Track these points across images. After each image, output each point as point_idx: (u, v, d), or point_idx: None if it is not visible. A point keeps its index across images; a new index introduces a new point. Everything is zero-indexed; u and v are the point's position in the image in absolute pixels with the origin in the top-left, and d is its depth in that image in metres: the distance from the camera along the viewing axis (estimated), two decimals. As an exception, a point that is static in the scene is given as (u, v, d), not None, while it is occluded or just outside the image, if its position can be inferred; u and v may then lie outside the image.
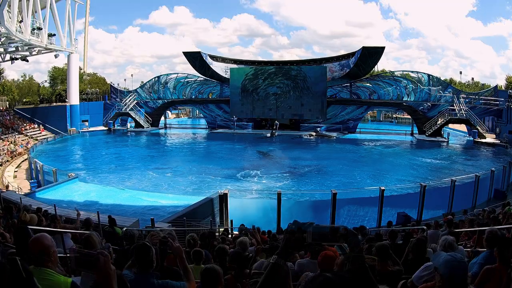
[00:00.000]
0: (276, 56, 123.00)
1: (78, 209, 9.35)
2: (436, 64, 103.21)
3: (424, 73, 38.63)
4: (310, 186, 20.28)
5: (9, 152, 29.50)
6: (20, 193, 17.36)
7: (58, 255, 2.59)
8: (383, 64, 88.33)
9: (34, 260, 2.29)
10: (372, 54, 36.78)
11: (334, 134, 38.42)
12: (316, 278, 1.31)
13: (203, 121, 48.25)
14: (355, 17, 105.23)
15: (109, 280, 1.80)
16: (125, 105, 43.47)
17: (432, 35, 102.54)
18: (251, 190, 18.53)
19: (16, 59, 36.09)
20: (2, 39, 30.27)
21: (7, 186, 20.47)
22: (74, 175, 20.22)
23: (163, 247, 2.97)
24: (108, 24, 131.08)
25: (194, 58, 41.74)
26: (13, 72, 67.90)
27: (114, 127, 43.49)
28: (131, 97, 44.45)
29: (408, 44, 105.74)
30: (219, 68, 43.30)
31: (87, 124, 43.14)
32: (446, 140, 34.55)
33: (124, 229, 7.46)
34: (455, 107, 35.04)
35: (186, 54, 41.85)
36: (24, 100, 49.35)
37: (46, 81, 55.77)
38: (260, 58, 70.66)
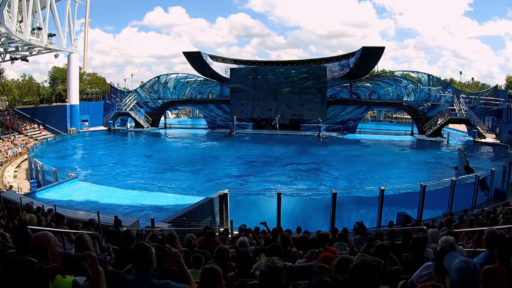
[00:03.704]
0: (273, 56, 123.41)
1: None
2: (434, 64, 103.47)
3: (424, 73, 38.64)
4: (310, 186, 20.28)
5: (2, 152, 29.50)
6: (20, 193, 17.37)
7: None
8: (382, 64, 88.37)
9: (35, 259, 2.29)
10: (372, 54, 36.78)
11: (337, 134, 38.47)
12: (313, 281, 1.33)
13: (203, 121, 48.26)
14: (350, 17, 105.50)
15: (97, 281, 1.80)
16: (125, 105, 43.45)
17: (428, 35, 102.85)
18: (252, 190, 18.53)
19: (16, 59, 36.10)
20: (2, 39, 30.27)
21: (10, 187, 20.48)
22: (74, 175, 20.25)
23: (161, 253, 2.98)
24: (104, 25, 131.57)
25: (194, 58, 41.74)
26: (13, 72, 67.86)
27: (114, 127, 43.47)
28: (131, 97, 44.45)
29: (406, 44, 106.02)
30: (219, 68, 43.31)
31: (87, 124, 43.15)
32: (446, 140, 34.55)
33: (125, 229, 7.48)
34: (455, 107, 35.03)
35: (186, 54, 41.86)
36: (24, 100, 49.37)
37: (46, 81, 55.87)
38: (258, 58, 70.63)
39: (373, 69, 44.61)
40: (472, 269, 2.04)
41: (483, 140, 33.05)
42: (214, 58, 43.80)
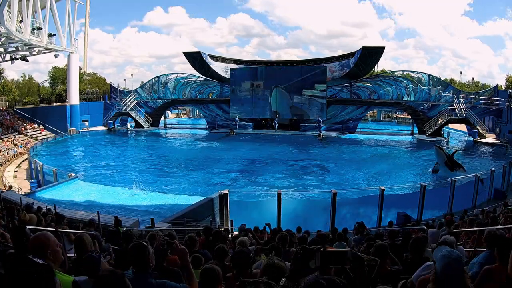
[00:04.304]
0: (273, 56, 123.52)
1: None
2: (434, 64, 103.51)
3: (424, 73, 38.65)
4: (311, 186, 20.27)
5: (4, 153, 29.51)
6: (20, 193, 17.37)
7: None
8: (382, 64, 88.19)
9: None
10: (372, 54, 36.78)
11: (337, 134, 38.50)
12: (308, 281, 1.34)
13: (203, 121, 48.28)
14: (350, 17, 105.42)
15: None
16: (125, 105, 43.46)
17: (428, 35, 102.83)
18: (252, 190, 18.52)
19: (16, 59, 36.10)
20: (2, 39, 30.28)
21: (10, 187, 20.47)
22: (74, 175, 20.24)
23: (169, 248, 2.97)
24: (104, 25, 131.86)
25: (194, 58, 41.75)
26: (13, 72, 67.81)
27: (114, 127, 43.50)
28: (131, 97, 44.46)
29: (406, 44, 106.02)
30: (219, 68, 43.31)
31: (87, 124, 43.16)
32: (446, 140, 34.54)
33: (125, 229, 7.49)
34: (455, 107, 35.03)
35: (186, 54, 41.86)
36: (24, 100, 49.37)
37: (46, 81, 55.85)
38: (258, 58, 70.62)
39: (373, 69, 44.60)
40: (454, 257, 2.05)
41: (483, 140, 33.05)
42: (214, 58, 43.80)
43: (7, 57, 35.58)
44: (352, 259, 1.60)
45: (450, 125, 37.22)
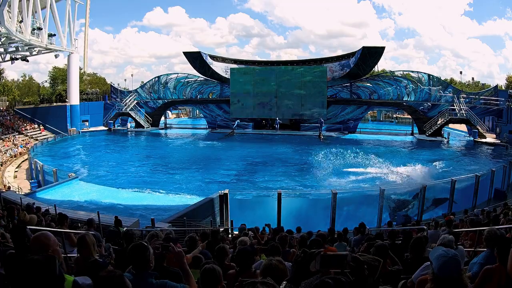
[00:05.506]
0: (273, 56, 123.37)
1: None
2: (434, 64, 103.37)
3: (425, 73, 38.66)
4: (311, 186, 20.26)
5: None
6: (20, 193, 17.38)
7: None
8: (382, 64, 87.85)
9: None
10: (373, 54, 36.76)
11: (337, 134, 38.47)
12: (313, 280, 1.34)
13: (203, 121, 48.27)
14: (350, 17, 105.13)
15: None
16: (125, 105, 43.47)
17: (428, 35, 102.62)
18: (252, 190, 18.52)
19: (16, 59, 36.07)
20: (2, 39, 30.26)
21: (9, 187, 20.46)
22: (74, 175, 20.26)
23: (165, 251, 2.97)
24: (104, 25, 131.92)
25: (194, 58, 41.73)
26: (13, 72, 67.69)
27: (114, 127, 43.49)
28: (131, 97, 44.46)
29: (405, 44, 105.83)
30: (219, 68, 43.30)
31: (87, 124, 43.14)
32: (446, 140, 34.55)
33: (125, 229, 7.49)
34: (455, 107, 35.04)
35: (186, 54, 41.84)
36: (24, 100, 49.35)
37: (46, 81, 55.80)
38: (258, 58, 70.52)
39: (373, 69, 44.60)
40: (450, 256, 2.06)
41: (484, 140, 33.04)
42: (214, 58, 43.78)
43: (7, 57, 35.55)
44: (352, 262, 1.61)
45: (450, 125, 37.21)
